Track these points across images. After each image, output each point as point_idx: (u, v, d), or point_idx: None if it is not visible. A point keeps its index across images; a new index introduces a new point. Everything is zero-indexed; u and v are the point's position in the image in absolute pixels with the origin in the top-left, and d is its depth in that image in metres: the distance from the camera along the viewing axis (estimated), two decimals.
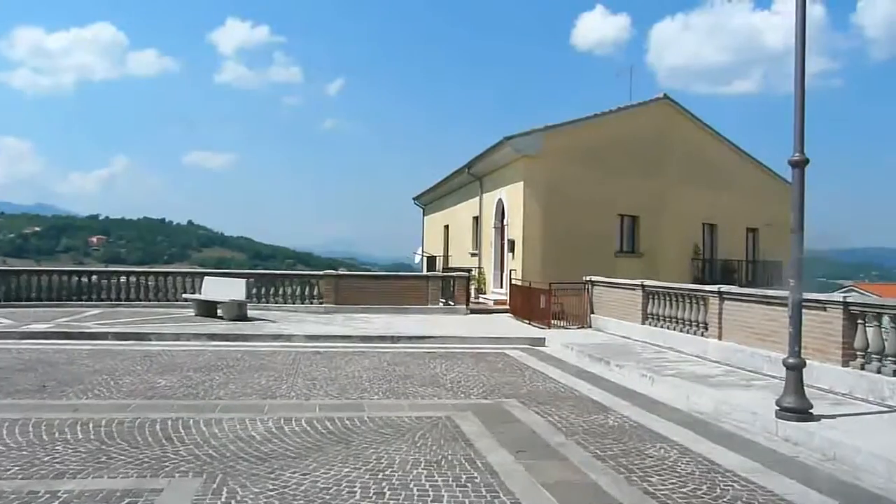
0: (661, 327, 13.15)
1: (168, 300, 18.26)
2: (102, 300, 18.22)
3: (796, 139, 6.97)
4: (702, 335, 11.72)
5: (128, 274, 18.87)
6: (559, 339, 13.91)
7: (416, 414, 7.44)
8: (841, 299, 8.32)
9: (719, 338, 11.13)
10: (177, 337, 13.09)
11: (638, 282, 14.17)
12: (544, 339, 14.11)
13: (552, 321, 16.14)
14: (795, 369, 6.89)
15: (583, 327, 16.38)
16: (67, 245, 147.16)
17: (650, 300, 13.70)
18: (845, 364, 8.34)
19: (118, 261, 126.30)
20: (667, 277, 17.34)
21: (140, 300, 18.34)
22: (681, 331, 12.44)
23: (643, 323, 13.84)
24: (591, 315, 16.40)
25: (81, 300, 18.05)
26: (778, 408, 6.98)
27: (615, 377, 10.26)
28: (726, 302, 11.03)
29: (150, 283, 18.68)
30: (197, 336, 13.19)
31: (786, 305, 9.65)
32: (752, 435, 6.89)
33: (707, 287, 11.73)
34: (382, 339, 13.66)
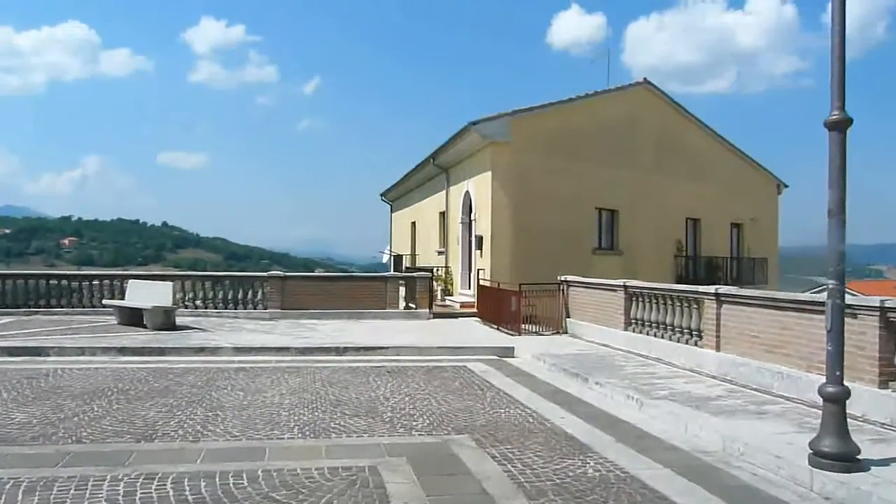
0: (647, 334, 11.41)
1: (94, 306, 16.15)
2: (19, 306, 16.07)
3: (834, 94, 5.22)
4: (695, 345, 9.97)
5: (48, 277, 16.69)
6: (530, 348, 12.11)
7: (332, 463, 5.55)
8: (878, 304, 6.59)
9: (717, 348, 9.39)
10: (81, 351, 11.07)
11: (619, 282, 12.41)
12: (513, 348, 12.30)
13: (523, 326, 14.34)
14: (837, 401, 5.12)
15: (558, 333, 14.61)
16: (38, 247, 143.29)
17: (634, 303, 11.94)
18: (883, 385, 6.62)
19: (90, 263, 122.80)
20: (648, 276, 15.67)
21: (63, 307, 16.21)
22: (670, 339, 10.69)
23: (626, 329, 12.08)
24: (567, 319, 14.63)
25: None
26: (812, 451, 5.22)
27: (594, 398, 8.47)
28: (725, 306, 9.28)
29: (73, 286, 16.55)
30: (105, 350, 11.18)
31: (799, 310, 7.98)
32: (778, 489, 5.11)
33: (702, 288, 9.97)
34: (325, 350, 11.76)
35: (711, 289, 9.61)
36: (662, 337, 10.92)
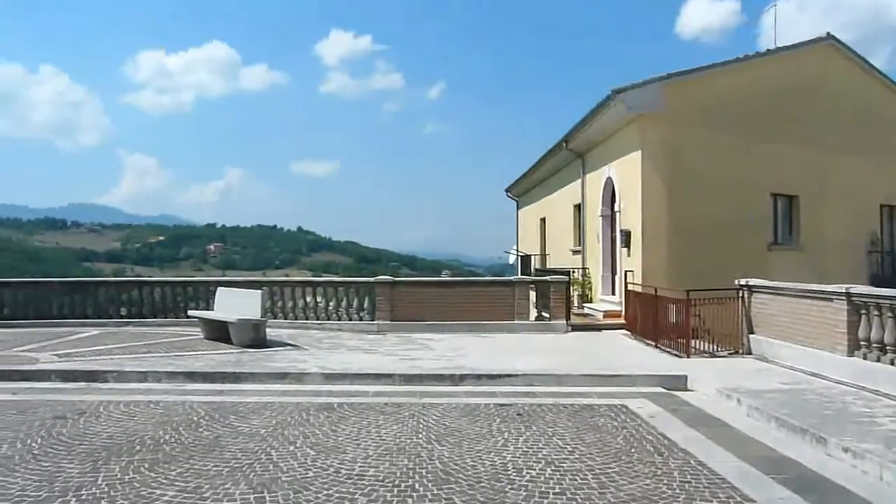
0: (892, 363, 7.92)
1: (188, 317, 14.54)
2: (111, 317, 14.80)
3: None
4: None
5: (140, 284, 15.35)
6: (709, 378, 8.94)
7: None
8: None
9: None
10: (142, 377, 9.15)
11: (838, 288, 8.93)
12: (685, 377, 9.17)
13: (693, 344, 11.13)
14: None
15: (737, 353, 11.26)
16: (187, 253, 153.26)
17: (865, 318, 8.46)
18: None
19: (233, 267, 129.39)
20: (836, 276, 11.88)
21: (155, 317, 14.76)
22: None
23: (850, 354, 8.62)
24: (751, 336, 11.23)
25: (86, 317, 14.72)
26: None
27: (849, 476, 5.28)
28: None
29: (166, 295, 15.08)
30: (170, 376, 9.19)
31: None
32: None
33: None
34: (437, 378, 9.17)
35: None
36: None
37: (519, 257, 27.55)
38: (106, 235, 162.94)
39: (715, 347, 11.33)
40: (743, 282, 11.51)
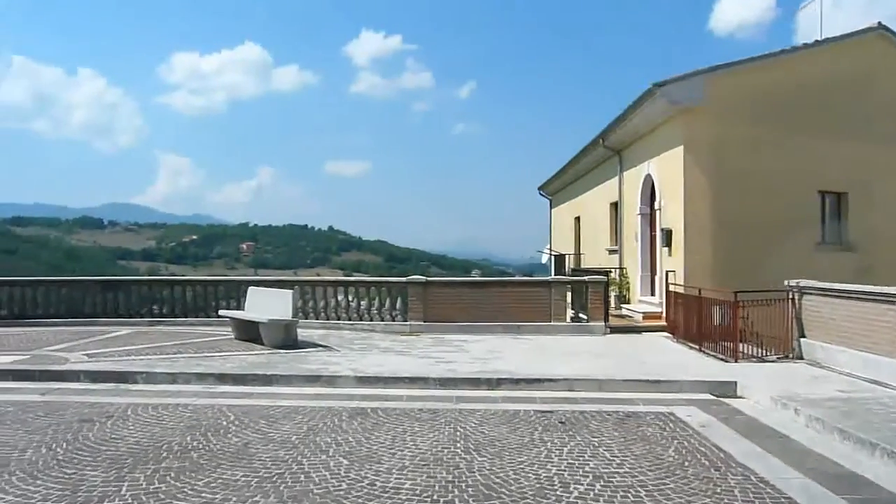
0: None
1: (219, 317, 14.40)
2: (143, 316, 14.74)
3: None
4: None
5: (171, 283, 15.26)
6: (760, 384, 8.46)
7: None
8: None
9: None
10: (172, 379, 8.96)
11: None
12: (735, 383, 8.69)
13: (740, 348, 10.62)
14: None
15: (787, 357, 10.71)
16: (220, 252, 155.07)
17: None
18: None
19: (265, 266, 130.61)
20: (888, 277, 11.26)
21: (186, 316, 14.66)
22: None
23: None
24: (802, 340, 10.68)
25: (118, 316, 14.69)
26: None
27: None
28: None
29: (198, 294, 14.97)
30: (200, 377, 8.99)
31: None
32: None
33: None
34: (473, 383, 8.82)
35: None
36: None
37: (552, 257, 27.05)
38: (141, 234, 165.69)
39: (763, 351, 10.80)
40: (793, 283, 10.95)
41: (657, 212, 15.59)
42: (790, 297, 10.96)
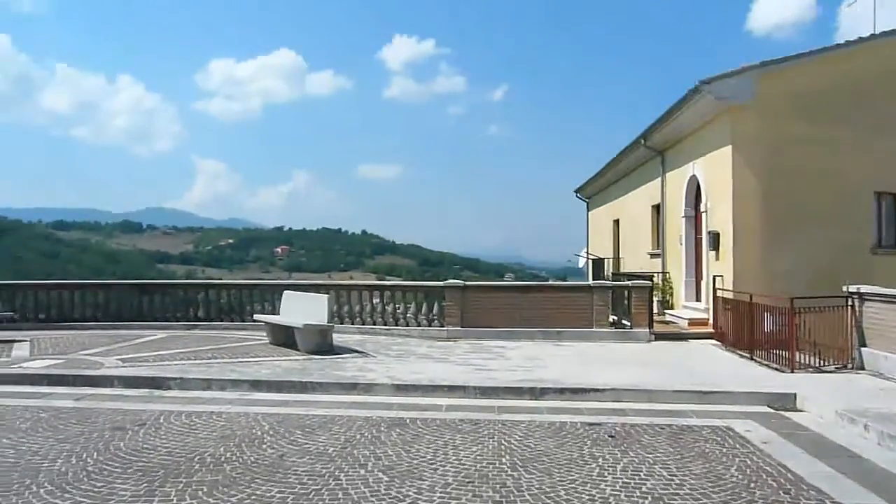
0: None
1: (256, 321, 14.26)
2: (178, 320, 14.67)
3: None
4: None
5: (206, 287, 15.17)
6: (822, 396, 7.94)
7: None
8: None
9: None
10: (206, 385, 8.76)
11: None
12: (794, 395, 8.17)
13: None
14: None
15: (845, 367, 10.13)
16: (256, 255, 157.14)
17: None
18: None
19: (300, 269, 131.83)
20: None
21: (221, 320, 14.56)
22: None
23: None
24: (862, 349, 10.08)
25: (154, 319, 14.65)
26: None
27: None
28: None
29: (233, 298, 14.86)
30: (235, 384, 8.78)
31: None
32: None
33: None
34: (516, 392, 8.45)
35: None
36: None
37: (590, 261, 26.50)
38: (179, 238, 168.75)
39: (820, 361, 10.22)
40: (853, 288, 10.36)
41: (703, 214, 15.02)
42: (850, 303, 10.37)
